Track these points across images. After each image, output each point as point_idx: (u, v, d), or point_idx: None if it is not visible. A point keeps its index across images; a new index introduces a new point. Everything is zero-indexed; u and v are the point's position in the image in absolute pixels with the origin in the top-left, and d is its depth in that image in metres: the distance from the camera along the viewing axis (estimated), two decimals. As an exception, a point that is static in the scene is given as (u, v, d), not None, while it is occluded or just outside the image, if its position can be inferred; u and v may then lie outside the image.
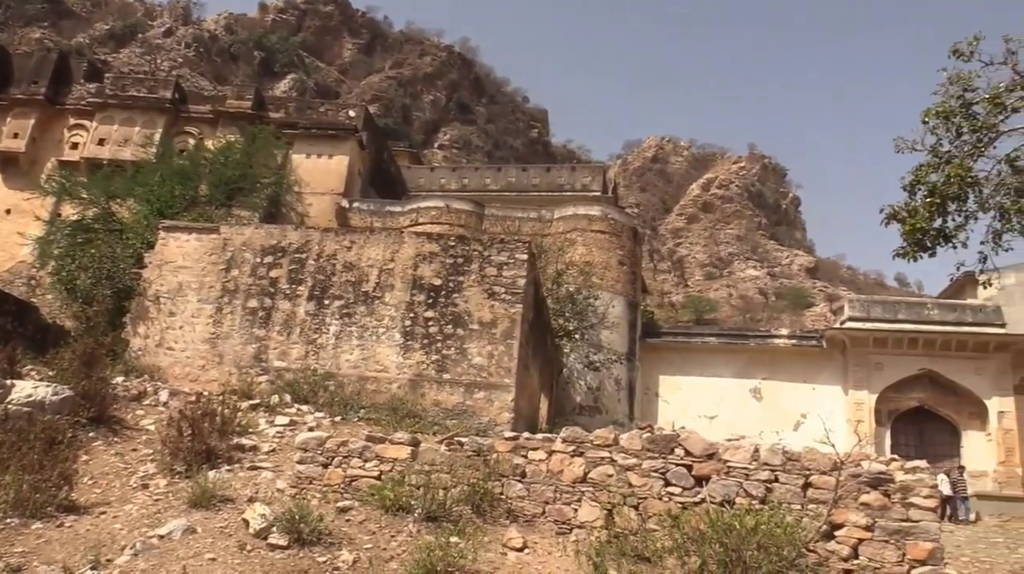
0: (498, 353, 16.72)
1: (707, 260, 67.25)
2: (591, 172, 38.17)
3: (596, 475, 9.96)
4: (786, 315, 53.29)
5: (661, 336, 29.14)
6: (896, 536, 8.74)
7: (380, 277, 17.63)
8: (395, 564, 8.93)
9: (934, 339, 25.88)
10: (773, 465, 9.42)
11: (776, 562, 8.07)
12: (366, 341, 17.09)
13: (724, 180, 74.11)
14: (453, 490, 10.05)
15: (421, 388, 16.54)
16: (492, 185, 36.89)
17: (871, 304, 28.19)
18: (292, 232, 18.80)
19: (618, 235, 28.41)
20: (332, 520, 9.70)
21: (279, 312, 17.59)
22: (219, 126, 32.15)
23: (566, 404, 25.30)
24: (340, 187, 30.90)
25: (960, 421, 26.01)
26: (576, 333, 24.75)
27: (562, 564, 9.13)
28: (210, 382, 16.72)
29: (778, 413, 26.53)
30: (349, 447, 10.79)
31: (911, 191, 13.65)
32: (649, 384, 28.05)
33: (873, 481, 9.03)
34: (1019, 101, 13.32)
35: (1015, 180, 13.25)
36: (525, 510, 10.05)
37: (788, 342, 28.24)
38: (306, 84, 66.54)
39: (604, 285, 26.88)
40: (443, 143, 68.77)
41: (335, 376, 16.71)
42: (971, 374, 25.84)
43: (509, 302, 17.09)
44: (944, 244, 13.58)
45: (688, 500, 9.43)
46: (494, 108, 77.65)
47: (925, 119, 13.67)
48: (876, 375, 26.36)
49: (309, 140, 31.71)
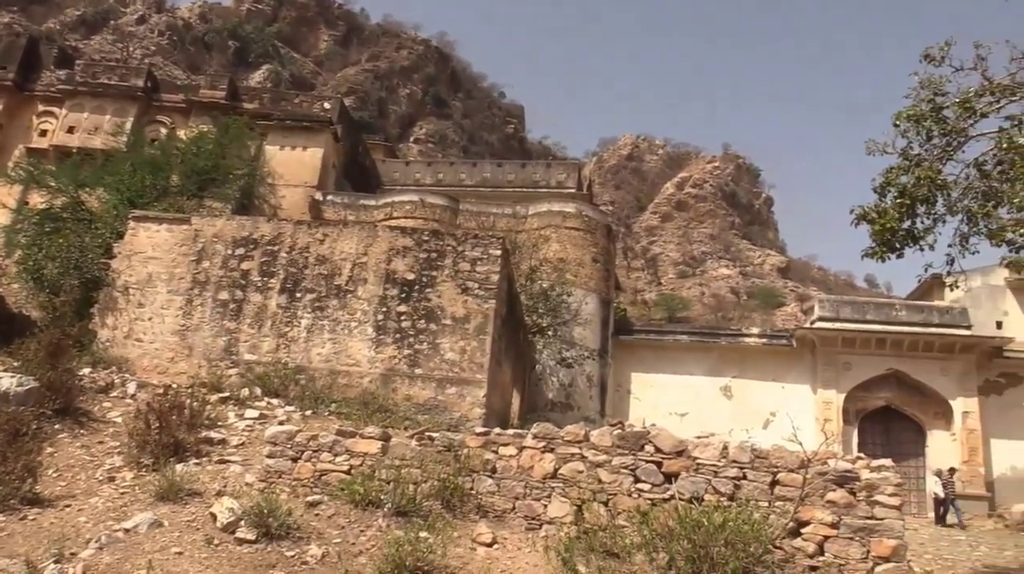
0: (471, 349, 16.70)
1: (680, 259, 67.64)
2: (566, 169, 38.22)
3: (566, 471, 9.99)
4: (757, 314, 53.76)
5: (633, 334, 29.28)
6: (861, 533, 8.86)
7: (353, 271, 17.53)
8: (364, 559, 8.91)
9: (901, 340, 26.23)
10: (742, 462, 9.51)
11: (743, 558, 8.15)
12: (338, 335, 17.00)
13: (698, 179, 74.56)
14: (423, 485, 10.04)
15: (393, 383, 16.49)
16: (467, 180, 36.81)
17: (841, 304, 28.51)
18: (264, 224, 18.65)
19: (592, 232, 28.48)
20: (301, 514, 9.65)
21: (250, 305, 17.45)
22: (192, 116, 31.79)
23: (538, 400, 25.34)
24: (314, 180, 30.68)
25: (926, 421, 26.40)
26: (549, 329, 24.80)
27: (531, 560, 9.15)
28: (179, 374, 16.55)
29: (748, 411, 26.77)
30: (319, 441, 10.74)
31: (881, 193, 13.81)
32: (621, 381, 28.17)
33: (839, 479, 9.15)
34: (988, 106, 13.53)
35: (983, 184, 13.46)
36: (495, 506, 10.06)
37: (759, 341, 28.49)
38: (281, 75, 65.98)
39: (578, 282, 26.94)
40: (419, 137, 68.52)
41: (306, 370, 16.61)
42: (937, 374, 26.23)
43: (482, 297, 17.07)
44: (912, 245, 13.77)
45: (657, 497, 9.49)
46: (470, 103, 77.51)
47: (896, 122, 13.85)
48: (844, 375, 26.68)
49: (283, 132, 31.45)
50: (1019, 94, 13.54)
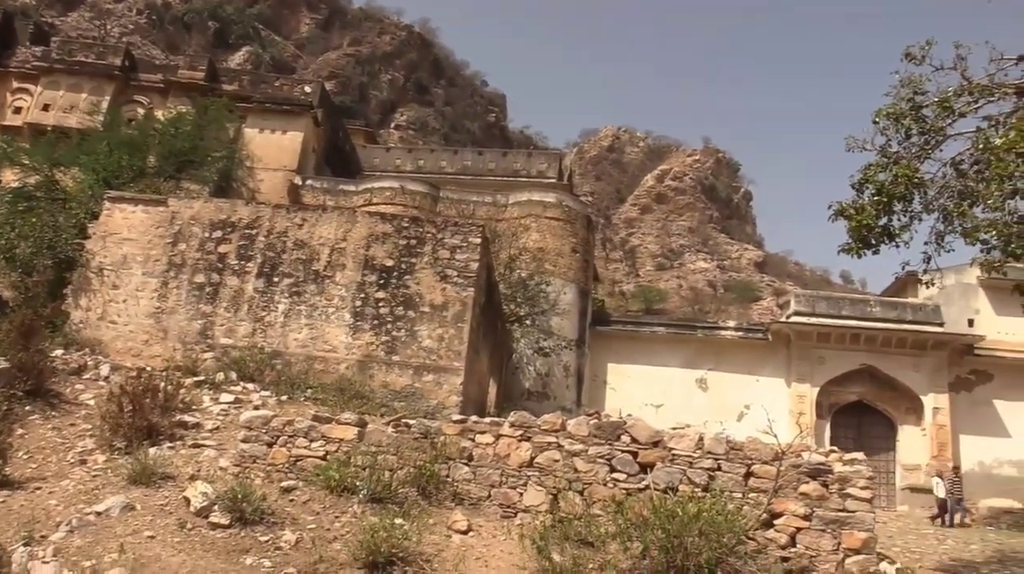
0: (448, 336, 16.68)
1: (659, 251, 67.87)
2: (547, 159, 38.19)
3: (543, 460, 10.03)
4: (734, 307, 54.09)
5: (611, 324, 29.36)
6: (832, 526, 8.97)
7: (331, 256, 17.44)
8: (338, 545, 8.90)
9: (875, 335, 26.50)
10: (716, 454, 9.59)
11: (716, 549, 8.22)
12: (315, 320, 16.92)
13: (678, 172, 74.75)
14: (399, 472, 10.04)
15: (370, 369, 16.44)
16: (448, 168, 36.69)
17: (816, 299, 28.74)
18: (242, 207, 18.49)
19: (572, 223, 28.50)
20: (276, 500, 9.62)
21: (227, 288, 17.31)
22: (170, 96, 31.38)
23: (515, 389, 25.38)
24: (293, 164, 30.43)
25: (897, 416, 26.71)
26: (527, 319, 24.82)
27: (506, 547, 9.18)
28: (153, 358, 16.41)
29: (723, 403, 26.94)
30: (295, 427, 10.70)
31: (859, 189, 13.93)
32: (597, 371, 28.26)
33: (812, 472, 9.25)
34: (966, 106, 13.66)
35: (959, 183, 13.61)
36: (471, 493, 10.08)
37: (735, 334, 28.67)
38: (261, 58, 65.28)
39: (556, 272, 26.97)
40: (400, 123, 68.14)
41: (282, 355, 16.52)
42: (909, 370, 26.53)
43: (461, 286, 17.05)
44: (888, 242, 13.90)
45: (632, 486, 9.56)
46: (452, 91, 77.15)
47: (876, 119, 13.95)
48: (819, 369, 26.92)
49: (263, 115, 31.15)
50: (997, 95, 13.68)
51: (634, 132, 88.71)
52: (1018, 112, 13.22)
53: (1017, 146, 11.80)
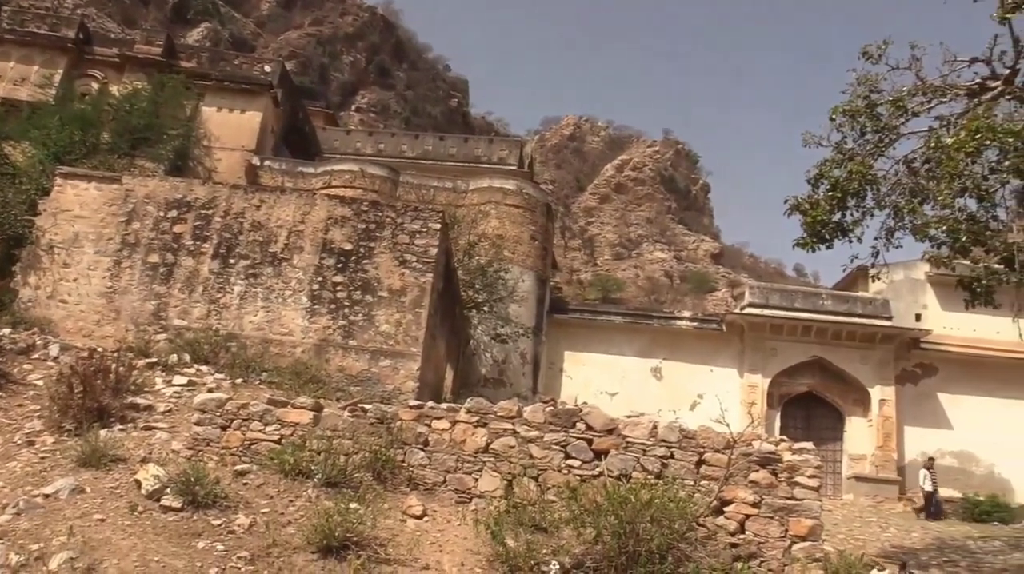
0: (406, 321, 16.66)
1: (617, 240, 68.26)
2: (508, 146, 38.13)
3: (498, 446, 10.09)
4: (689, 298, 54.72)
5: (568, 312, 29.53)
6: (780, 513, 9.19)
7: (289, 238, 17.28)
8: (292, 529, 8.88)
9: (826, 328, 27.03)
10: (670, 442, 9.75)
11: (668, 535, 8.39)
12: (272, 303, 16.77)
13: (638, 163, 75.12)
14: (355, 457, 10.03)
15: (326, 353, 16.36)
16: (408, 152, 36.44)
17: (770, 292, 29.21)
18: (199, 187, 18.22)
19: (532, 210, 28.56)
20: (229, 483, 9.55)
21: (181, 269, 17.07)
22: (126, 71, 30.60)
23: (472, 375, 25.42)
24: (251, 144, 29.96)
25: (845, 407, 27.32)
26: (485, 305, 24.85)
27: (461, 532, 9.24)
28: (105, 338, 16.13)
29: (677, 392, 27.28)
30: (250, 410, 10.62)
31: (814, 184, 14.20)
32: (554, 359, 28.43)
33: (762, 460, 9.46)
34: (920, 106, 13.98)
35: (911, 181, 13.93)
36: (426, 478, 10.12)
37: (690, 324, 29.02)
38: (220, 35, 64.03)
39: (515, 259, 27.02)
40: (361, 106, 67.43)
41: (238, 337, 16.35)
42: (857, 363, 27.13)
43: (420, 271, 17.02)
44: (841, 237, 14.21)
45: (587, 473, 9.67)
46: (414, 74, 76.45)
47: (832, 116, 14.22)
48: (771, 360, 27.40)
49: (221, 93, 30.58)
50: (949, 95, 14.03)
51: (595, 121, 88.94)
52: (969, 113, 13.56)
53: (967, 146, 12.11)
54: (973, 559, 15.75)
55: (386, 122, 62.72)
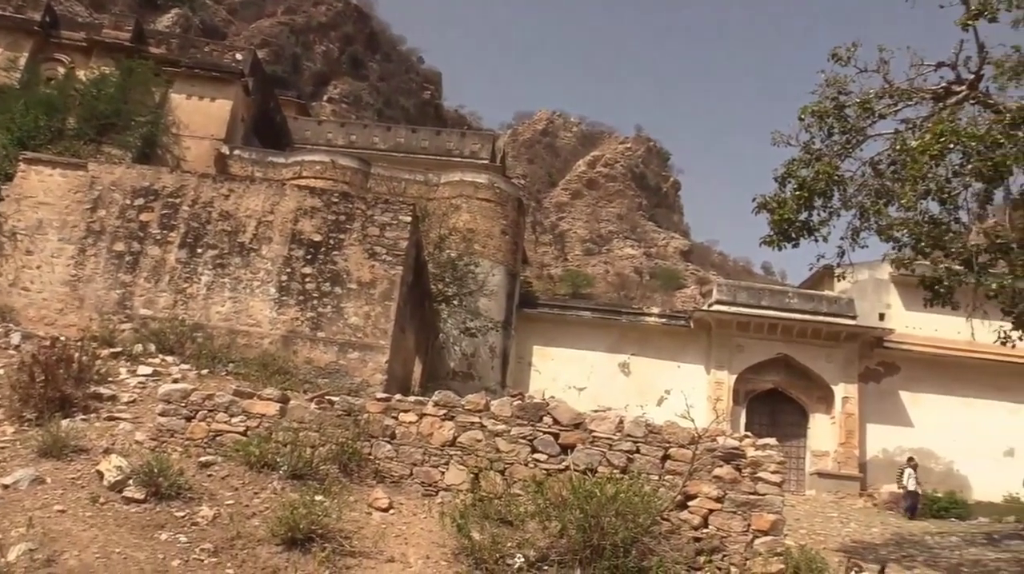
0: (375, 314, 16.62)
1: (587, 236, 68.47)
2: (481, 139, 38.10)
3: (465, 439, 10.11)
4: (658, 294, 55.01)
5: (538, 307, 29.59)
6: (743, 508, 9.31)
7: (258, 229, 17.16)
8: (257, 521, 8.83)
9: (792, 326, 27.36)
10: (635, 437, 9.82)
11: (632, 529, 8.46)
12: (239, 294, 16.64)
13: (610, 159, 75.34)
14: (321, 449, 9.99)
15: (294, 345, 16.28)
16: (380, 144, 36.27)
17: (737, 289, 29.49)
18: (167, 175, 18.02)
19: (503, 204, 28.57)
20: (193, 475, 9.48)
21: (148, 258, 16.88)
22: (93, 56, 30.09)
23: (440, 369, 25.42)
24: (221, 132, 29.64)
25: (809, 404, 27.70)
26: (455, 299, 24.83)
27: (426, 525, 9.25)
28: (68, 327, 15.91)
29: (644, 388, 27.48)
30: (215, 401, 10.53)
31: (782, 183, 14.38)
32: (523, 353, 28.49)
33: (726, 456, 9.57)
34: (887, 108, 14.20)
35: (876, 182, 14.16)
36: (393, 471, 10.11)
37: (658, 321, 29.22)
38: (191, 21, 63.16)
39: (486, 253, 27.03)
40: (332, 96, 66.89)
41: (204, 328, 16.22)
42: (822, 361, 27.51)
43: (390, 263, 16.98)
44: (808, 236, 14.41)
45: (553, 467, 9.72)
46: (387, 66, 75.98)
47: (801, 116, 14.41)
48: (737, 357, 27.68)
49: (191, 80, 30.20)
50: (915, 99, 14.26)
51: (568, 117, 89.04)
52: (934, 117, 13.80)
53: (931, 149, 12.33)
54: (930, 554, 16.07)
55: (358, 113, 62.27)
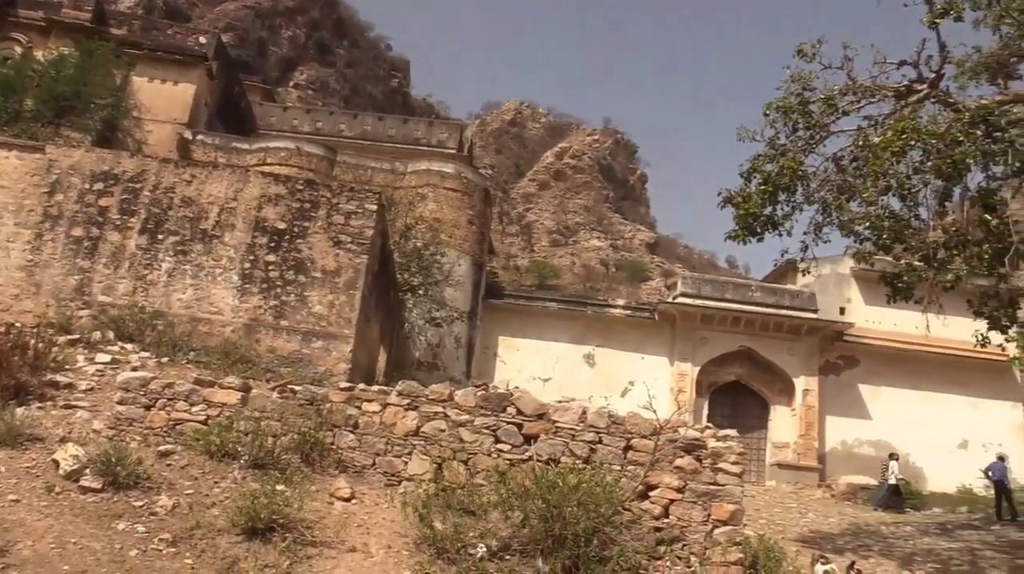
0: (339, 303, 16.50)
1: (554, 227, 68.60)
2: (449, 129, 37.93)
3: (429, 429, 10.09)
4: (624, 286, 55.35)
5: (504, 298, 29.60)
6: (704, 498, 9.41)
7: (221, 215, 16.93)
8: (217, 511, 8.74)
9: (755, 319, 27.67)
10: (598, 427, 9.88)
11: (593, 519, 8.52)
12: (201, 281, 16.42)
13: (578, 151, 75.49)
14: (283, 438, 9.92)
15: (257, 333, 16.11)
16: (347, 131, 35.95)
17: (702, 282, 29.75)
18: (127, 159, 17.69)
19: (470, 195, 28.49)
20: (152, 464, 9.36)
21: (107, 243, 16.58)
22: (52, 36, 29.37)
23: (405, 358, 25.33)
24: (184, 117, 29.15)
25: (770, 396, 28.06)
26: (420, 289, 24.76)
27: (389, 515, 9.23)
28: (24, 313, 15.57)
29: (608, 379, 27.65)
30: (175, 389, 10.39)
31: (747, 178, 14.51)
32: (488, 344, 28.50)
33: (688, 447, 9.66)
34: (850, 105, 14.39)
35: (839, 178, 14.35)
36: (355, 461, 10.06)
37: (623, 312, 29.39)
38: (154, 2, 61.99)
39: (452, 243, 26.96)
40: (299, 82, 66.15)
41: (165, 315, 15.98)
42: (784, 354, 27.87)
43: (355, 252, 16.86)
44: (772, 231, 14.57)
45: (516, 457, 9.74)
46: (355, 52, 75.29)
47: (766, 112, 14.54)
48: (700, 349, 27.93)
49: (153, 63, 29.62)
50: (878, 96, 14.47)
51: (536, 108, 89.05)
52: (896, 114, 14.01)
53: (892, 146, 12.51)
54: (885, 544, 16.38)
55: (324, 100, 61.68)
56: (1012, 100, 13.20)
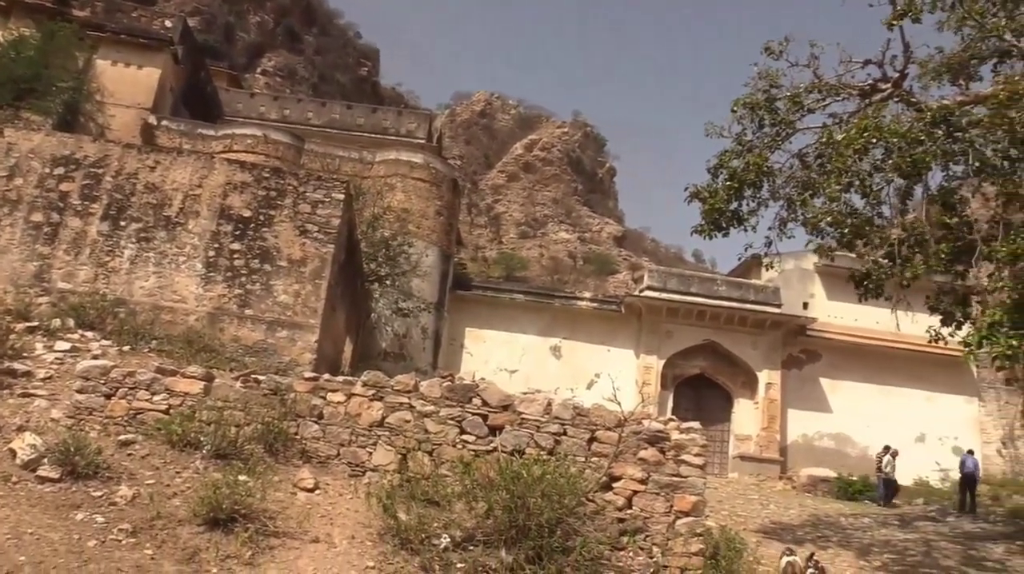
0: (305, 292, 16.39)
1: (523, 219, 68.63)
2: (418, 118, 37.73)
3: (394, 420, 10.07)
4: (591, 279, 55.55)
5: (471, 289, 29.60)
6: (666, 489, 9.50)
7: (185, 203, 16.71)
8: (178, 501, 8.66)
9: (720, 313, 27.96)
10: (563, 419, 9.92)
11: (557, 510, 8.57)
12: (164, 269, 16.21)
13: (547, 143, 75.52)
14: (246, 428, 9.83)
15: (221, 322, 15.95)
16: (315, 119, 35.62)
17: (668, 276, 29.98)
18: (89, 144, 17.38)
19: (438, 185, 28.41)
20: (112, 454, 9.23)
21: (68, 229, 16.30)
22: (12, 17, 28.67)
23: (371, 349, 25.24)
24: (148, 102, 28.65)
25: (734, 389, 28.40)
26: (387, 279, 24.66)
27: (353, 506, 9.20)
28: (-20, 299, 15.26)
29: (574, 371, 27.79)
30: (136, 378, 10.25)
31: (714, 174, 14.66)
32: (455, 335, 28.50)
33: (651, 438, 9.74)
34: (815, 102, 14.58)
35: (803, 175, 14.54)
36: (320, 451, 10.01)
37: (590, 305, 29.53)
38: (118, -16, 60.89)
39: (420, 234, 26.89)
40: (266, 69, 65.33)
41: (127, 303, 15.75)
42: (748, 347, 28.21)
43: (321, 241, 16.75)
44: (737, 226, 14.73)
45: (481, 448, 9.75)
46: (324, 40, 74.51)
47: (734, 108, 14.69)
48: (666, 342, 28.18)
49: (117, 46, 29.07)
50: (843, 94, 14.67)
51: (506, 99, 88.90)
52: (859, 112, 14.22)
53: (855, 143, 12.70)
54: (844, 535, 16.68)
55: (292, 87, 60.98)
56: (972, 101, 13.45)
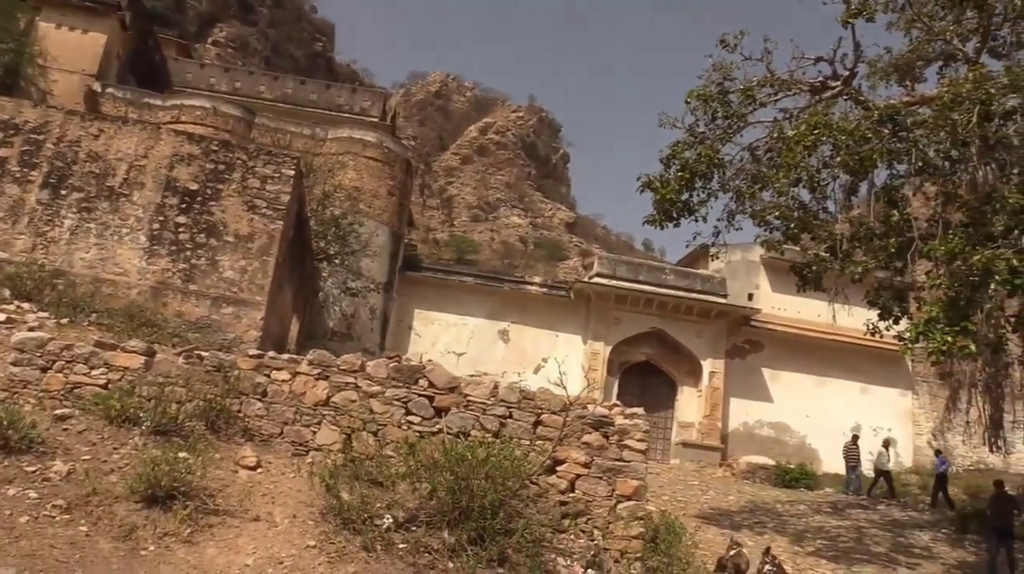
0: (252, 269, 16.16)
1: (475, 202, 68.51)
2: (372, 97, 37.28)
3: (339, 399, 10.02)
4: (541, 264, 55.77)
5: (421, 271, 29.43)
6: (609, 473, 9.63)
7: (129, 173, 16.32)
8: (115, 477, 8.50)
9: (667, 302, 28.26)
10: (509, 402, 9.97)
11: (500, 492, 8.62)
12: (106, 240, 15.82)
13: (502, 127, 75.41)
14: (188, 405, 9.69)
15: (164, 297, 15.64)
16: (266, 93, 34.98)
17: (618, 263, 30.18)
18: (29, 109, 16.85)
19: (391, 165, 28.16)
20: (47, 428, 9.02)
21: (5, 197, 15.80)
22: (-52, -27, 27.70)
23: (319, 328, 24.99)
24: (93, 68, 27.83)
25: (679, 377, 28.78)
26: (337, 258, 24.41)
27: (295, 485, 9.14)
28: (-90, 265, 14.74)
29: (522, 355, 27.89)
30: (74, 351, 10.02)
31: (666, 164, 14.78)
32: (403, 316, 28.35)
33: (596, 423, 9.86)
34: (767, 97, 14.79)
35: (753, 168, 14.76)
36: (263, 430, 9.92)
37: (539, 290, 29.61)
38: (63, -55, 58.88)
39: (371, 213, 26.65)
40: (218, 39, 63.92)
41: (66, 274, 15.36)
42: (693, 336, 28.58)
43: (270, 217, 16.51)
44: (688, 216, 14.89)
45: (426, 430, 9.76)
46: (278, 13, 73.11)
47: (688, 100, 14.82)
48: (614, 329, 28.40)
49: (61, 9, 28.14)
50: (794, 90, 14.90)
51: (462, 81, 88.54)
52: (810, 109, 14.47)
53: (805, 139, 12.92)
54: (780, 521, 17.09)
55: (244, 59, 59.73)
56: (918, 102, 13.79)
